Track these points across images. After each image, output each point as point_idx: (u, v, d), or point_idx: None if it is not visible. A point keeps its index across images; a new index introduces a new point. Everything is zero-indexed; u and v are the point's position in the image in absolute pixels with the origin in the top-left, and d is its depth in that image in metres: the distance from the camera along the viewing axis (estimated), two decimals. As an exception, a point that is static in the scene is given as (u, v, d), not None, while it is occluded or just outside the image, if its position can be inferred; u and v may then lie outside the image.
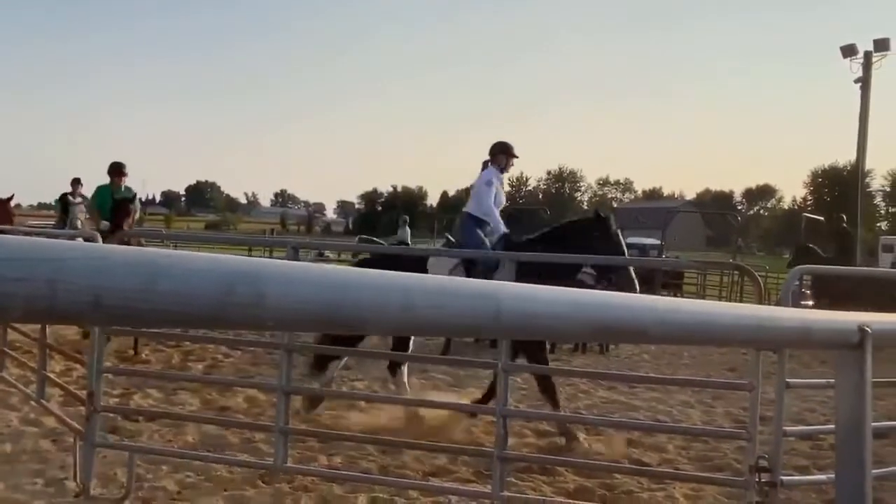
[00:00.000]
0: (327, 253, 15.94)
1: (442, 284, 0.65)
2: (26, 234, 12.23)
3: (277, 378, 4.87)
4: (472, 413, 6.30)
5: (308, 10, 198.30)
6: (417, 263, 6.29)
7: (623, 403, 7.74)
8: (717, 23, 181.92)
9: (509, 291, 0.68)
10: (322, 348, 5.99)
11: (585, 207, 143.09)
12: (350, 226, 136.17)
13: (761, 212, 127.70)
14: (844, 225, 18.26)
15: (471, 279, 0.72)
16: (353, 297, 0.58)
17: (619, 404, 7.71)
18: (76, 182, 12.71)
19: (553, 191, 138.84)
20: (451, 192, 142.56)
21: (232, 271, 0.52)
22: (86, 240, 7.95)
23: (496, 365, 4.44)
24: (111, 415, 5.76)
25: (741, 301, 16.91)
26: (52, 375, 5.97)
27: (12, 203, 11.09)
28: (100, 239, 5.40)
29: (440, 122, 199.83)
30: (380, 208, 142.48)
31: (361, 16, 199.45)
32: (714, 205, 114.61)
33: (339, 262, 17.51)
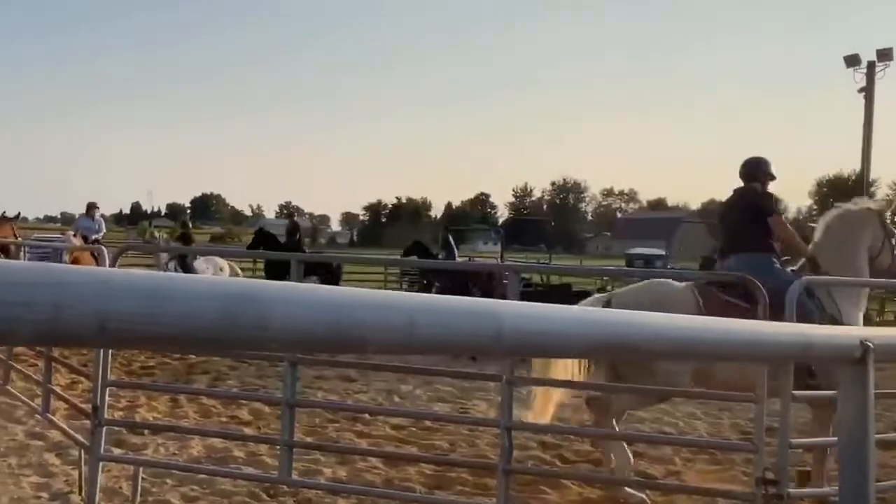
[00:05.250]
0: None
1: (443, 304, 0.66)
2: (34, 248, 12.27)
3: (282, 391, 4.87)
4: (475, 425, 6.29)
5: (311, 23, 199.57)
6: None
7: (629, 415, 7.70)
8: (720, 34, 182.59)
9: (511, 310, 0.69)
10: (327, 361, 5.99)
11: (590, 218, 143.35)
12: (354, 238, 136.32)
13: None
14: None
15: (473, 298, 0.73)
16: (356, 317, 0.59)
17: (625, 416, 7.66)
18: (93, 206, 13.78)
19: (557, 201, 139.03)
20: (456, 203, 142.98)
21: (234, 293, 0.53)
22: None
23: (501, 377, 4.44)
24: (116, 428, 5.77)
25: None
26: (57, 389, 5.98)
27: (18, 218, 11.38)
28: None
29: (444, 134, 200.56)
30: (384, 220, 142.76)
31: (366, 29, 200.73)
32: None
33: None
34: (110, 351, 4.76)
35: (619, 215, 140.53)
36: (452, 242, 18.13)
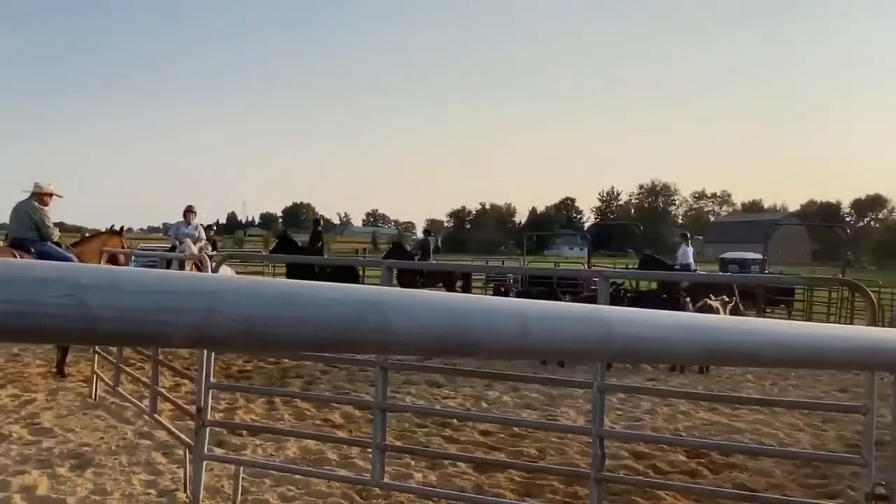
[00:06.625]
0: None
1: (554, 309, 0.67)
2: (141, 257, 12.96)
3: (374, 395, 4.96)
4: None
5: (382, 28, 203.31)
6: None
7: (725, 425, 7.46)
8: (826, 20, 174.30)
9: (620, 315, 0.70)
10: (417, 366, 6.07)
11: (680, 221, 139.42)
12: (439, 244, 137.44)
13: (872, 223, 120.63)
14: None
15: (583, 304, 0.74)
16: (472, 322, 0.61)
17: (720, 426, 7.43)
18: (190, 210, 13.00)
19: (646, 205, 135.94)
20: (540, 209, 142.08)
21: (362, 300, 0.57)
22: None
23: (592, 384, 4.37)
24: (217, 429, 6.02)
25: (851, 319, 15.98)
26: (162, 390, 6.29)
27: (124, 231, 11.80)
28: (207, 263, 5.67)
29: (529, 138, 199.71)
30: (468, 226, 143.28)
31: (441, 32, 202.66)
32: (820, 217, 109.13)
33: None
34: (213, 354, 4.98)
35: (711, 218, 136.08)
36: (431, 244, 18.23)
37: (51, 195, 8.92)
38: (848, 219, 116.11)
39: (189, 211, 12.93)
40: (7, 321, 0.48)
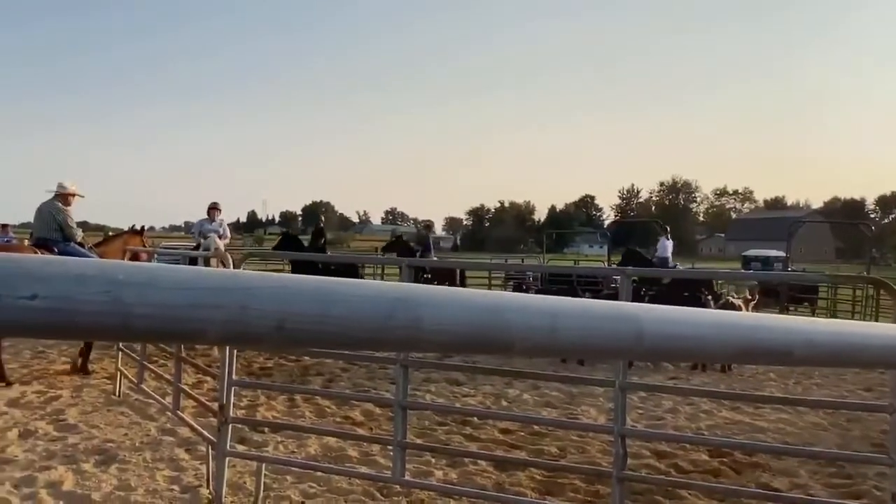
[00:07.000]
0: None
1: (586, 307, 0.66)
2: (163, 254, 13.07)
3: (394, 393, 4.97)
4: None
5: (402, 29, 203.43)
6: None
7: (748, 424, 7.39)
8: (847, 13, 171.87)
9: (651, 313, 0.69)
10: (437, 364, 6.07)
11: (701, 219, 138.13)
12: (458, 242, 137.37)
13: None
14: None
15: (613, 302, 0.74)
16: (503, 319, 0.61)
17: (743, 425, 7.36)
18: (214, 207, 12.75)
19: (666, 202, 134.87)
20: (560, 206, 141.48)
21: (393, 297, 0.56)
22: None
23: (613, 383, 4.35)
24: (238, 426, 6.06)
25: (877, 317, 15.74)
26: (185, 387, 6.35)
27: (145, 230, 11.81)
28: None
29: (549, 135, 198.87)
30: (487, 224, 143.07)
31: (461, 25, 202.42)
32: (844, 214, 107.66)
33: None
34: (235, 352, 5.01)
35: (733, 215, 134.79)
36: (430, 242, 18.19)
37: (74, 195, 9.03)
38: (873, 216, 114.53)
39: (213, 208, 12.72)
40: (43, 318, 0.48)
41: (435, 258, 17.39)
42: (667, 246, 17.10)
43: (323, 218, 18.99)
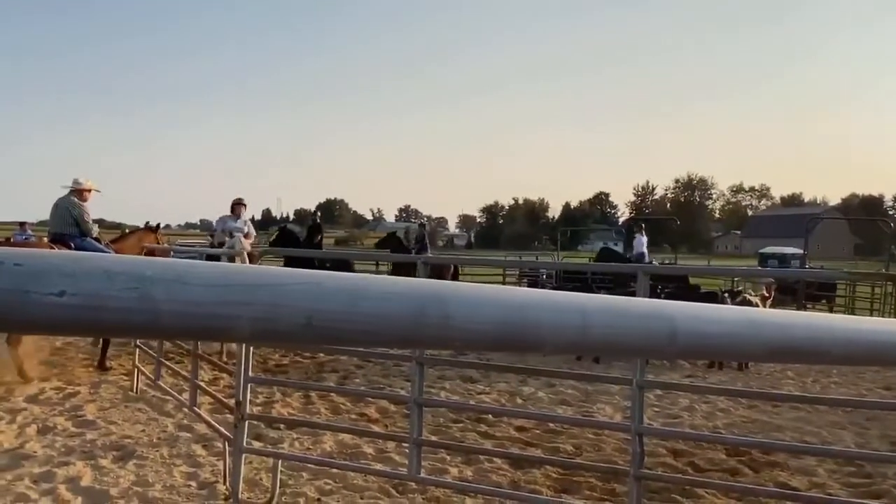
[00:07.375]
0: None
1: (617, 305, 0.65)
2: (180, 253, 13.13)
3: (410, 390, 4.97)
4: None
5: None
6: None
7: (765, 423, 7.32)
8: (867, 8, 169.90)
9: (684, 311, 0.67)
10: (452, 361, 6.06)
11: (717, 216, 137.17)
12: (472, 239, 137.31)
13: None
14: None
15: (644, 299, 0.72)
16: (533, 317, 0.60)
17: (760, 423, 7.30)
18: (239, 203, 12.22)
19: (682, 199, 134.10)
20: (574, 204, 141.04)
21: (423, 294, 0.55)
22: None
23: (630, 381, 4.32)
24: (255, 422, 6.08)
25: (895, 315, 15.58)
26: (202, 384, 6.38)
27: (160, 226, 11.75)
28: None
29: (561, 131, 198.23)
30: (501, 221, 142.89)
31: (474, 20, 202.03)
32: (862, 210, 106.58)
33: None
34: (251, 349, 5.03)
35: (749, 212, 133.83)
36: (426, 237, 18.14)
37: (90, 191, 9.09)
38: (891, 212, 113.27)
39: (238, 204, 12.15)
40: (71, 315, 0.47)
41: (430, 255, 17.33)
42: (642, 242, 17.62)
43: (319, 214, 18.87)
